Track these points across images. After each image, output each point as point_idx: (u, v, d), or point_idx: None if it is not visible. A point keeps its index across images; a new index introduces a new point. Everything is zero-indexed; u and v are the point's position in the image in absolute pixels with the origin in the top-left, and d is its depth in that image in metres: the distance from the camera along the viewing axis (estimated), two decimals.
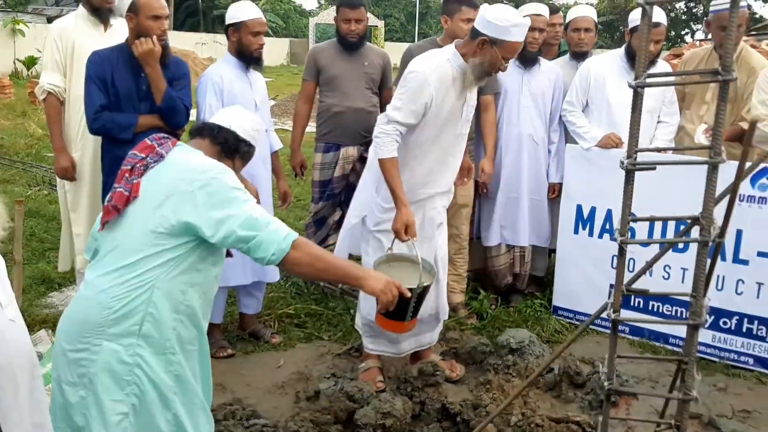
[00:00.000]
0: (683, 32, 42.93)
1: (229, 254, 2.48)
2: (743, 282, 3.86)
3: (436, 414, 3.25)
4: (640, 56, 1.76)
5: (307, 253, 2.19)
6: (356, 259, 3.69)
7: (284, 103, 17.48)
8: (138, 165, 2.27)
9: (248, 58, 3.77)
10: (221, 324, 3.98)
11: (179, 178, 2.19)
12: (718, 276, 3.85)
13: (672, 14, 38.59)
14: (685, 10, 41.25)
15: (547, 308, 4.55)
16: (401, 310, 3.04)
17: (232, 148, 2.45)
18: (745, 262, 3.84)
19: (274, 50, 35.68)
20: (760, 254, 3.79)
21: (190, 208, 2.15)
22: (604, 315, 2.14)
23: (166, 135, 2.40)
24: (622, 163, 1.85)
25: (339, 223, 4.84)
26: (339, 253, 3.65)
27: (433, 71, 3.18)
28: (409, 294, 2.38)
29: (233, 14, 3.74)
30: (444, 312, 3.65)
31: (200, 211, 2.14)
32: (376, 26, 37.69)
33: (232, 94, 3.67)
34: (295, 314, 4.36)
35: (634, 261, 4.02)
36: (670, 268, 4.02)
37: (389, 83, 4.69)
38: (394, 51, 5.32)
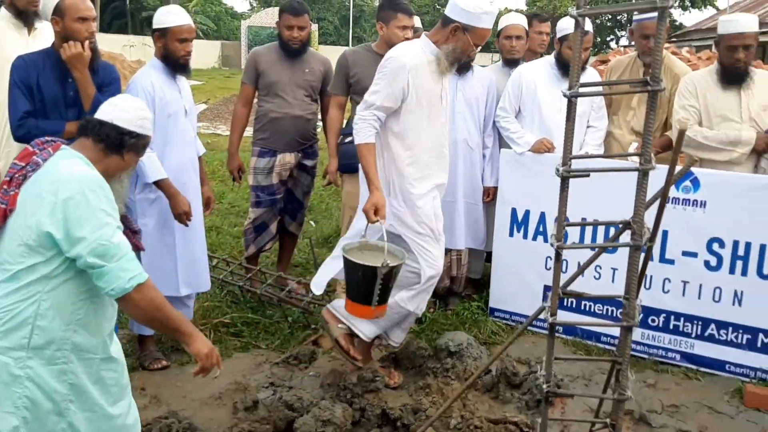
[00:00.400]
0: (608, 38, 44.33)
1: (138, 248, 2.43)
2: (669, 281, 4.00)
3: (377, 420, 3.25)
4: (573, 67, 1.80)
5: (148, 298, 2.17)
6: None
7: (216, 107, 17.23)
8: (17, 175, 2.21)
9: (174, 64, 3.67)
10: (154, 335, 3.88)
11: (47, 189, 2.14)
12: (646, 275, 3.98)
13: (597, 21, 39.81)
14: (610, 17, 42.61)
15: (484, 310, 4.61)
16: (367, 293, 3.07)
17: (116, 143, 2.35)
18: (671, 262, 3.98)
19: (206, 53, 35.09)
20: (685, 254, 3.94)
21: (52, 220, 2.10)
22: (541, 316, 2.18)
23: (50, 139, 2.32)
24: (558, 170, 1.89)
25: (278, 231, 4.79)
26: (324, 273, 3.63)
27: (407, 56, 3.33)
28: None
29: (159, 19, 3.64)
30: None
31: (60, 225, 2.10)
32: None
33: (164, 101, 3.58)
34: (232, 323, 4.29)
35: (567, 262, 4.12)
36: (600, 268, 4.14)
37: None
38: (328, 54, 5.32)
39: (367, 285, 3.11)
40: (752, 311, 3.81)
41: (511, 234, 4.45)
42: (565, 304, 4.26)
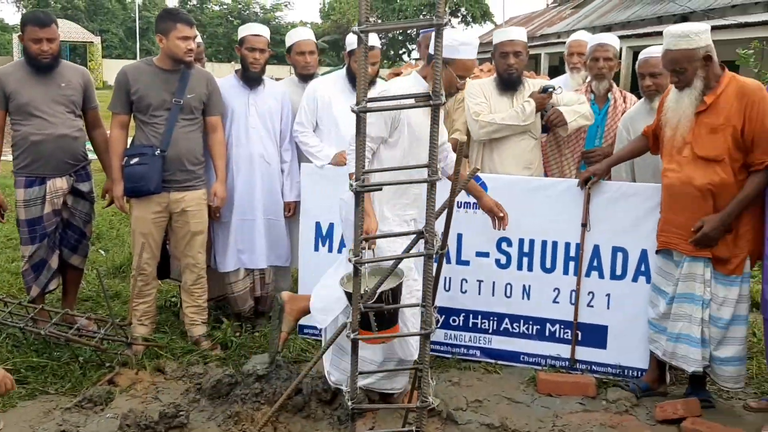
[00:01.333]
0: (401, 51, 46.28)
1: None
2: (466, 281, 4.20)
3: None
4: (359, 83, 1.80)
5: None
6: None
7: None
8: None
9: None
10: None
11: None
12: (444, 278, 4.15)
13: (390, 35, 41.46)
14: (401, 31, 44.60)
15: (294, 328, 4.53)
16: (364, 318, 2.93)
17: None
18: (466, 263, 4.18)
19: None
20: (478, 254, 4.16)
21: None
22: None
23: None
24: (352, 185, 1.88)
25: (60, 267, 4.35)
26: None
27: (401, 88, 3.34)
28: None
29: None
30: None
31: None
32: (92, 42, 35.22)
33: None
34: (14, 369, 3.83)
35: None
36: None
37: (93, 102, 4.36)
38: (114, 69, 4.96)
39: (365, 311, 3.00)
40: (540, 303, 4.11)
41: (316, 248, 4.41)
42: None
